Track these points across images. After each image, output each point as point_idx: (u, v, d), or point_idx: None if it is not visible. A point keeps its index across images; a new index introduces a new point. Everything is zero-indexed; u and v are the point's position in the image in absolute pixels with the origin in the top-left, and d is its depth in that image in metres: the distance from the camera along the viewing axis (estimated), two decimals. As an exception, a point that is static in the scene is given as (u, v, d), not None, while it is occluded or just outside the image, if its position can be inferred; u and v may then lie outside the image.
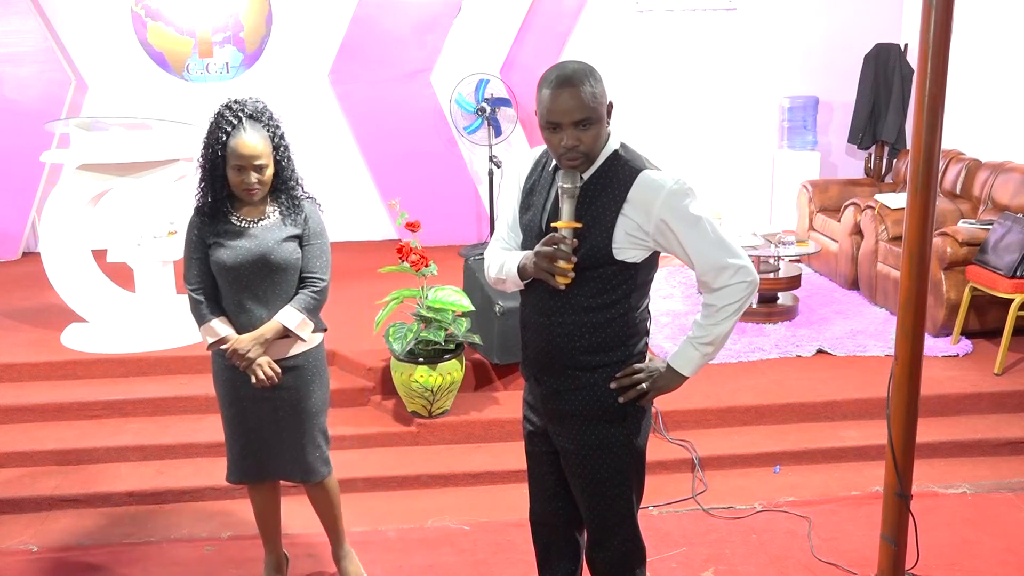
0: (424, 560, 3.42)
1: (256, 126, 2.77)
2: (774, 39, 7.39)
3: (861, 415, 4.39)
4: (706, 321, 2.32)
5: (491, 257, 2.43)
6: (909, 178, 2.33)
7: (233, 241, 2.81)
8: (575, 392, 2.32)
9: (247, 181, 2.76)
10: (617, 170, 2.25)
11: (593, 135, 2.20)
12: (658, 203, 2.20)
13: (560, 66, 2.22)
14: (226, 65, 7.16)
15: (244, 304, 2.86)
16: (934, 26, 2.21)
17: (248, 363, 2.82)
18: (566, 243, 2.18)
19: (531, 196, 2.37)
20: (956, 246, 5.00)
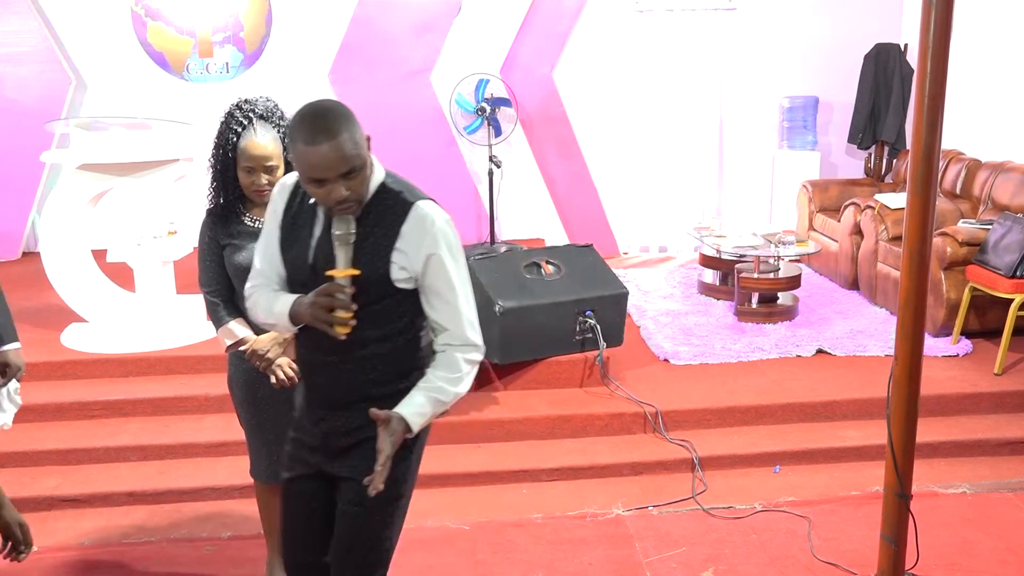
0: (424, 560, 3.41)
1: (266, 126, 2.75)
2: (774, 39, 7.39)
3: (861, 415, 4.39)
4: (441, 372, 2.18)
5: (257, 297, 2.28)
6: (909, 178, 2.33)
7: (248, 243, 2.77)
8: (368, 426, 2.14)
9: (257, 182, 2.74)
10: (388, 203, 2.15)
11: (361, 180, 2.09)
12: (429, 237, 2.11)
13: (311, 116, 2.04)
14: (226, 65, 7.16)
15: None
16: (934, 26, 2.21)
17: (267, 364, 2.78)
18: (344, 292, 2.07)
19: (293, 231, 2.22)
20: (956, 246, 5.00)
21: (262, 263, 2.29)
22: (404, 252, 2.12)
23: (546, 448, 4.22)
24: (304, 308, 2.13)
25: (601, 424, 4.33)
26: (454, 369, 2.18)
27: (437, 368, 2.19)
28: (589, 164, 7.34)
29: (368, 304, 2.13)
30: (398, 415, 2.10)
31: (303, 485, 2.34)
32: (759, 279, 5.57)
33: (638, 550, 3.51)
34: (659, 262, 7.27)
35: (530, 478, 4.05)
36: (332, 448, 2.26)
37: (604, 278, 4.75)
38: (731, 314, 5.64)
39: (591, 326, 4.57)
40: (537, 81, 7.21)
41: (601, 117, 7.34)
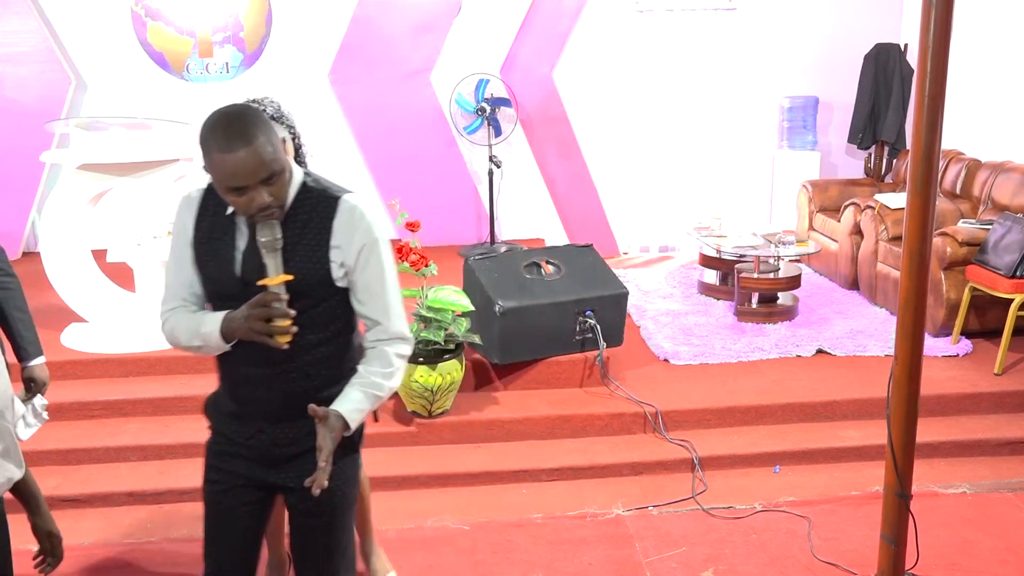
0: (424, 560, 3.41)
1: (277, 127, 2.75)
2: (774, 39, 7.39)
3: (861, 415, 4.39)
4: (375, 368, 2.16)
5: (175, 321, 2.17)
6: (909, 178, 2.33)
7: None
8: (313, 432, 2.08)
9: None
10: (312, 202, 2.11)
11: (281, 185, 2.02)
12: (360, 230, 2.09)
13: (224, 122, 1.96)
14: (226, 65, 7.16)
15: None
16: (934, 26, 2.21)
17: None
18: (280, 300, 2.02)
19: (209, 245, 2.13)
20: (956, 246, 5.00)
21: (174, 285, 2.18)
22: (340, 248, 2.09)
23: (546, 448, 4.22)
24: (239, 322, 2.05)
25: (601, 424, 4.33)
26: (387, 364, 2.16)
27: (370, 364, 2.17)
28: (589, 164, 7.34)
29: (310, 307, 2.09)
30: (335, 412, 2.07)
31: (233, 499, 2.25)
32: (759, 279, 5.57)
33: (638, 550, 3.51)
34: (659, 262, 7.27)
35: (530, 478, 4.05)
36: (273, 457, 2.21)
37: (604, 278, 4.75)
38: (731, 314, 5.64)
39: (591, 326, 4.57)
40: (537, 81, 7.21)
41: (601, 117, 7.34)
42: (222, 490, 2.25)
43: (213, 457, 2.28)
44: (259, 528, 2.32)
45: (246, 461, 2.23)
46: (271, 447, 2.19)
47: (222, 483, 2.25)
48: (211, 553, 2.32)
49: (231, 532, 2.28)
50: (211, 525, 2.30)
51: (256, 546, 2.34)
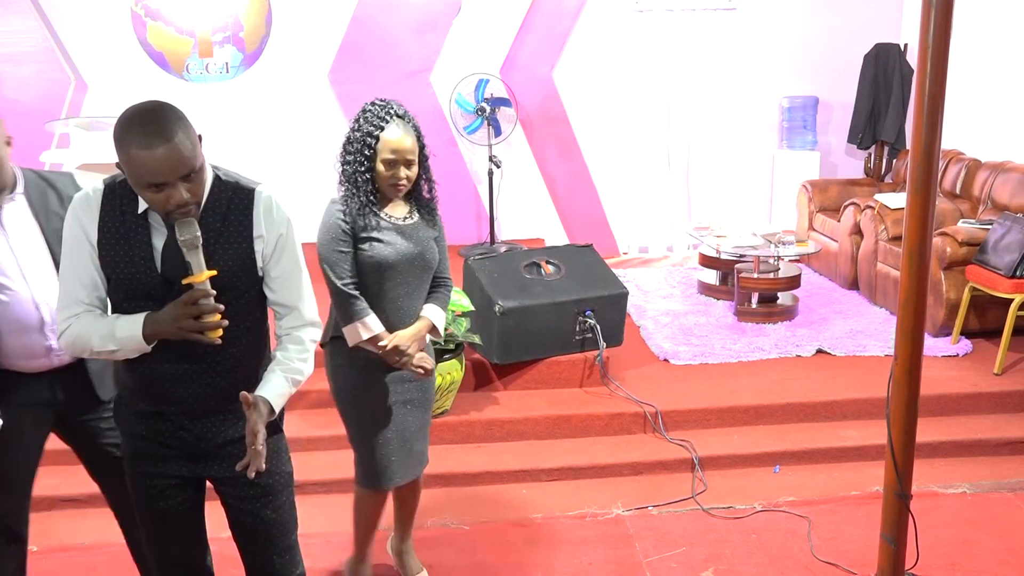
0: (424, 560, 3.41)
1: (405, 125, 2.83)
2: (774, 39, 7.39)
3: (861, 415, 4.40)
4: (291, 354, 2.21)
5: (81, 326, 2.08)
6: (909, 178, 2.33)
7: (391, 237, 2.84)
8: (241, 423, 2.14)
9: (397, 175, 2.81)
10: (228, 195, 2.11)
11: (199, 182, 2.02)
12: (277, 220, 2.14)
13: (142, 118, 1.94)
14: (226, 65, 7.16)
15: (396, 301, 2.88)
16: (934, 26, 2.21)
17: (408, 359, 2.87)
18: (208, 296, 2.01)
19: (120, 246, 2.07)
20: (956, 246, 5.00)
21: (74, 289, 2.09)
22: (261, 238, 2.13)
23: (546, 448, 4.22)
24: (166, 323, 2.02)
25: (601, 424, 4.33)
26: (303, 349, 2.22)
27: (287, 350, 2.21)
28: (589, 164, 7.34)
29: (235, 299, 2.11)
30: (262, 397, 2.11)
31: (169, 500, 2.25)
32: (759, 279, 5.57)
33: (638, 550, 3.51)
34: (659, 262, 7.27)
35: (530, 478, 4.05)
36: (198, 452, 2.21)
37: (604, 278, 4.75)
38: (731, 314, 5.64)
39: (591, 326, 4.57)
40: (537, 81, 7.21)
41: (601, 117, 7.34)
42: (154, 494, 2.25)
43: (136, 463, 2.25)
44: (201, 522, 2.36)
45: (171, 460, 2.23)
46: (195, 442, 2.21)
47: (153, 487, 2.25)
48: (160, 558, 2.33)
49: (175, 533, 2.31)
50: (153, 531, 2.30)
51: (202, 541, 2.39)
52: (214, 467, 2.24)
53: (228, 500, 2.30)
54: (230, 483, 2.25)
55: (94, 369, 2.67)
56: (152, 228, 2.08)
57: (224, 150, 6.42)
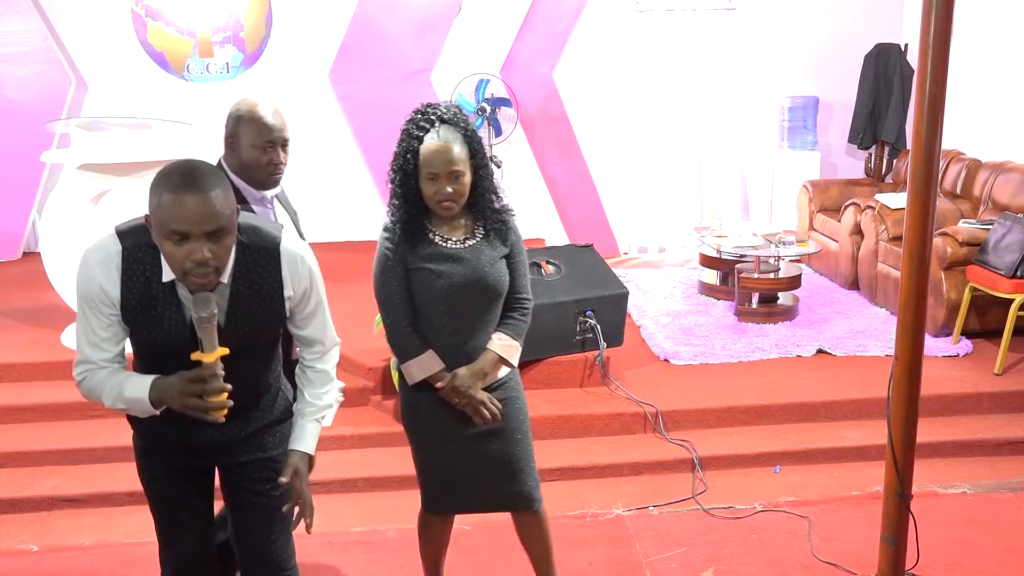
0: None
1: (452, 130, 2.52)
2: (774, 39, 7.39)
3: (861, 415, 4.39)
4: (317, 390, 2.32)
5: (95, 383, 2.11)
6: (909, 178, 2.33)
7: (443, 265, 2.55)
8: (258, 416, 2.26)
9: (441, 191, 2.49)
10: (256, 257, 2.09)
11: (225, 248, 1.96)
12: (303, 274, 2.16)
13: (182, 168, 1.93)
14: (226, 65, 7.16)
15: (457, 334, 2.60)
16: (934, 26, 2.21)
17: (469, 400, 2.60)
18: (216, 376, 1.98)
19: (145, 312, 2.05)
20: (956, 246, 5.00)
21: (93, 342, 2.10)
22: (291, 297, 2.16)
23: (546, 448, 4.22)
24: (171, 396, 2.01)
25: (601, 424, 4.33)
26: (326, 380, 2.33)
27: (312, 385, 2.32)
28: (589, 164, 7.34)
29: (262, 344, 2.18)
30: (299, 453, 2.27)
31: (181, 490, 2.30)
32: (759, 279, 5.57)
33: (638, 550, 3.51)
34: (659, 262, 7.27)
35: (530, 478, 4.05)
36: (217, 443, 2.24)
37: (604, 278, 4.75)
38: (731, 314, 5.64)
39: (591, 326, 4.57)
40: (537, 81, 7.21)
41: (601, 117, 7.34)
42: (168, 487, 2.30)
43: (149, 457, 2.30)
44: (211, 508, 2.39)
45: (185, 452, 2.25)
46: (212, 439, 2.23)
47: (165, 479, 2.29)
48: (173, 546, 2.36)
49: (189, 521, 2.34)
50: (165, 520, 2.34)
51: (211, 526, 2.41)
52: (229, 455, 2.29)
53: (236, 483, 2.33)
54: (242, 467, 2.30)
55: None
56: (180, 299, 2.05)
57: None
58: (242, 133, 2.70)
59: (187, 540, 2.35)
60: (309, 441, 2.30)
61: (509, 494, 2.76)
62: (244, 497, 2.34)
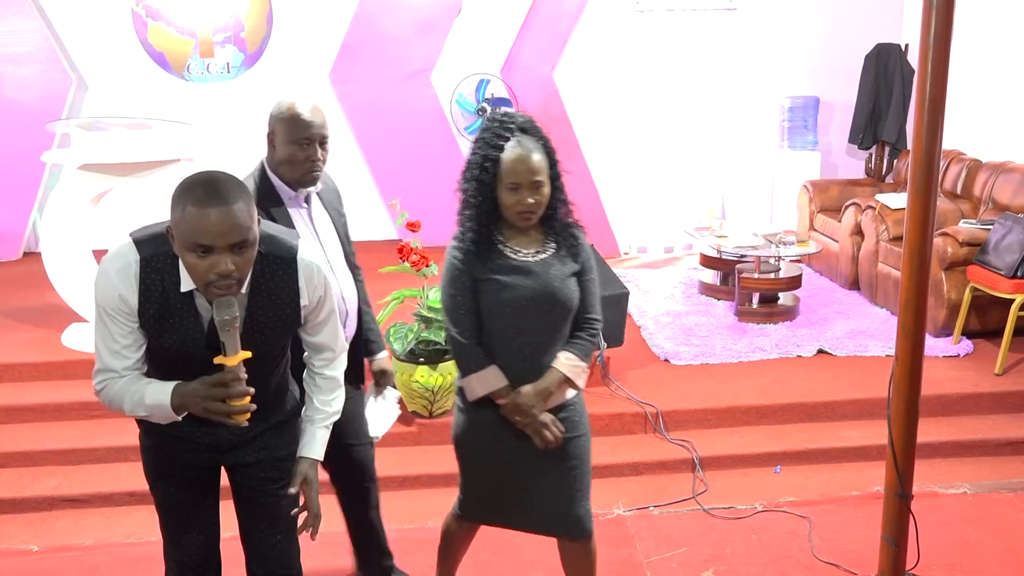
0: (424, 560, 3.41)
1: (531, 140, 2.47)
2: (775, 39, 7.39)
3: (862, 415, 4.39)
4: (326, 397, 2.35)
5: (116, 392, 2.08)
6: (910, 178, 2.33)
7: (512, 278, 2.46)
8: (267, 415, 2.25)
9: (523, 202, 2.42)
10: (273, 268, 2.10)
11: (248, 259, 1.96)
12: (318, 284, 2.18)
13: (205, 180, 1.92)
14: (227, 65, 7.16)
15: (523, 350, 2.50)
16: (935, 26, 2.21)
17: (531, 420, 2.49)
18: (239, 379, 1.99)
19: (163, 321, 2.04)
20: (957, 246, 5.00)
21: (111, 354, 2.07)
22: (307, 305, 2.19)
23: (547, 448, 4.22)
24: (193, 400, 2.02)
25: (602, 424, 4.33)
26: (334, 386, 2.34)
27: (320, 391, 2.34)
28: (590, 164, 7.34)
29: (276, 351, 2.21)
30: (310, 460, 2.31)
31: (189, 491, 2.32)
32: (760, 279, 5.57)
33: (638, 550, 3.51)
34: (660, 262, 7.27)
35: (531, 478, 4.05)
36: (227, 443, 2.25)
37: (604, 278, 4.74)
38: (732, 314, 5.64)
39: (592, 326, 4.57)
40: (538, 81, 7.21)
41: (602, 117, 7.34)
42: (175, 487, 2.31)
43: (156, 456, 2.29)
44: (217, 507, 2.41)
45: (194, 452, 2.26)
46: (223, 440, 2.24)
47: (173, 479, 2.30)
48: (179, 545, 2.37)
49: (195, 521, 2.36)
50: (172, 520, 2.35)
51: (217, 526, 2.43)
52: (237, 455, 2.30)
53: (245, 482, 2.34)
54: (250, 467, 2.31)
55: (354, 359, 2.75)
56: (198, 308, 2.05)
57: (225, 150, 6.43)
58: (280, 130, 2.65)
59: (193, 540, 2.36)
60: (319, 448, 2.33)
61: (560, 518, 2.64)
62: (251, 496, 2.35)
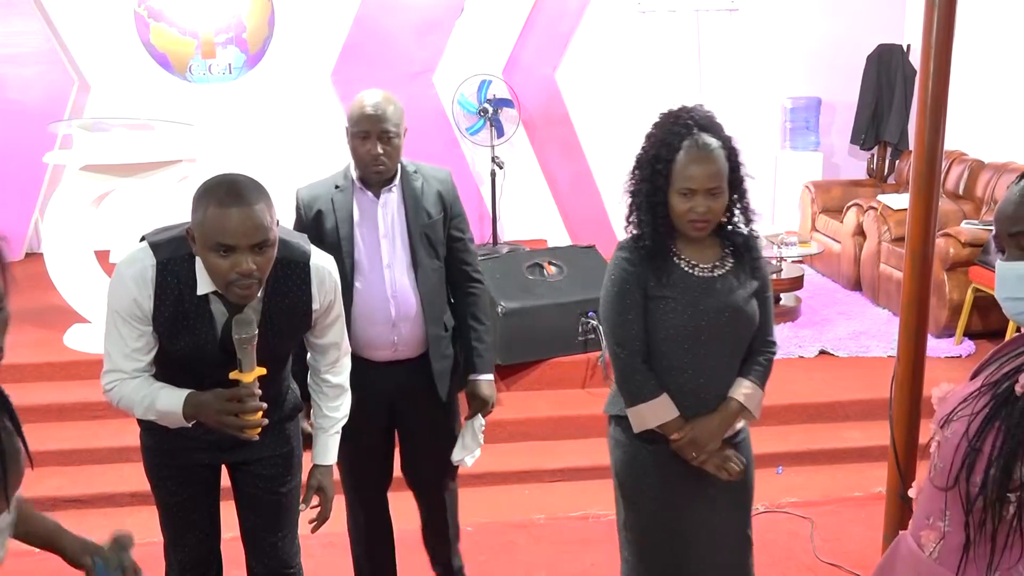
0: (425, 560, 3.41)
1: (711, 139, 2.18)
2: (776, 40, 7.38)
3: (864, 416, 4.39)
4: (334, 403, 2.38)
5: (125, 393, 2.08)
6: (912, 179, 2.33)
7: (690, 295, 2.18)
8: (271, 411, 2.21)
9: (696, 210, 2.14)
10: (287, 271, 2.11)
11: (268, 260, 1.97)
12: (329, 289, 2.21)
13: (227, 182, 1.93)
14: (229, 66, 7.17)
15: (697, 378, 2.22)
16: (937, 27, 2.21)
17: (708, 457, 2.22)
18: (254, 395, 1.98)
19: (177, 325, 2.05)
20: (959, 247, 4.99)
21: (124, 352, 2.07)
22: (318, 309, 2.20)
23: (548, 449, 4.22)
24: (207, 412, 2.02)
25: (603, 425, 4.32)
26: (340, 392, 2.38)
27: (327, 397, 2.37)
28: (592, 165, 7.34)
29: (286, 355, 2.25)
30: (324, 468, 2.38)
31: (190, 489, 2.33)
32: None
33: (640, 551, 3.50)
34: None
35: (533, 479, 4.05)
36: (229, 440, 2.21)
37: (606, 279, 4.75)
38: (733, 315, 5.63)
39: (593, 327, 4.57)
40: (539, 82, 7.21)
41: (604, 118, 7.34)
42: (177, 486, 2.31)
43: (158, 456, 2.30)
44: (218, 506, 2.41)
45: (196, 450, 2.27)
46: (223, 440, 2.22)
47: (174, 478, 2.30)
48: (181, 545, 2.37)
49: (197, 520, 2.37)
50: (173, 520, 2.35)
51: (218, 525, 2.44)
52: (237, 454, 2.31)
53: (246, 481, 2.36)
54: (251, 465, 2.33)
55: (438, 369, 2.75)
56: (213, 312, 2.07)
57: (227, 151, 6.43)
58: (349, 122, 2.63)
59: (194, 539, 2.37)
60: (331, 455, 2.39)
61: (736, 570, 2.42)
62: (253, 495, 2.36)
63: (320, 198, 2.70)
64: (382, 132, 2.56)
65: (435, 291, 2.73)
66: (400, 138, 2.62)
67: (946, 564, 1.48)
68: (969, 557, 1.44)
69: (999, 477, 1.38)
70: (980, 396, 1.46)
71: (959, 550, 1.45)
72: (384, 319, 2.65)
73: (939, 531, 1.50)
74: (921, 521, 1.56)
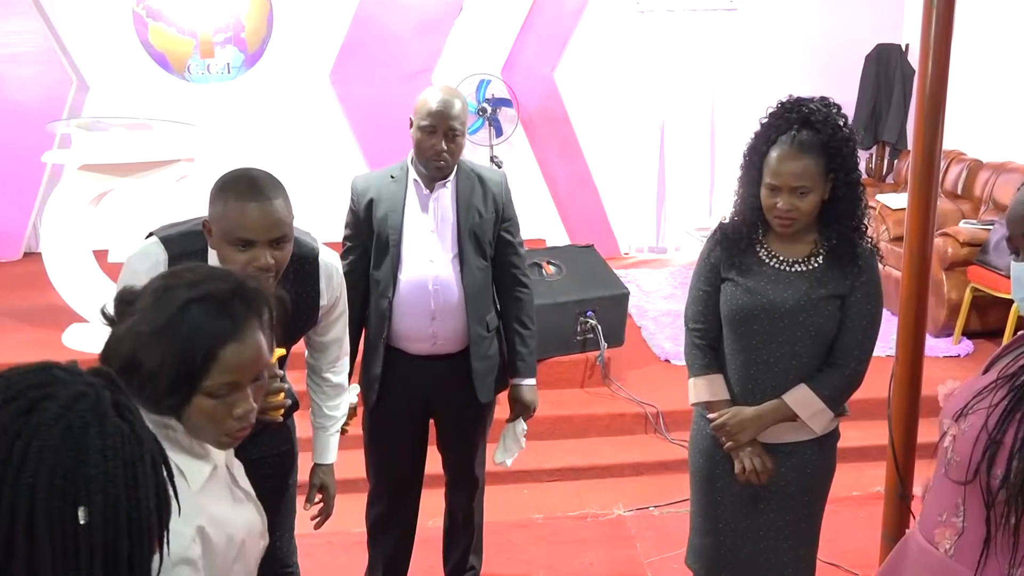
0: (425, 560, 3.41)
1: (813, 136, 2.13)
2: (775, 39, 7.38)
3: (862, 415, 4.34)
4: (334, 403, 2.40)
5: None
6: (910, 178, 2.33)
7: (759, 283, 2.20)
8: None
9: (779, 208, 2.13)
10: (295, 266, 2.11)
11: (286, 254, 1.98)
12: (337, 286, 2.24)
13: (246, 177, 1.96)
14: (227, 65, 7.16)
15: (751, 367, 2.24)
16: (935, 26, 2.21)
17: (735, 445, 2.23)
18: (276, 375, 1.98)
19: None
20: (957, 246, 5.00)
21: None
22: (325, 304, 2.22)
23: (547, 448, 4.22)
24: None
25: (602, 424, 4.33)
26: (339, 391, 2.41)
27: (327, 396, 2.39)
28: (590, 164, 7.34)
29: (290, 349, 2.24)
30: (326, 467, 2.40)
31: None
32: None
33: (639, 550, 3.51)
34: (660, 262, 7.26)
35: (531, 478, 4.05)
36: None
37: (605, 278, 4.75)
38: (732, 314, 5.63)
39: (592, 326, 4.57)
40: (538, 81, 7.21)
41: (602, 117, 7.34)
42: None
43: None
44: None
45: None
46: None
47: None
48: None
49: None
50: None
51: None
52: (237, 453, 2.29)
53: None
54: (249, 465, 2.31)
55: (478, 369, 2.74)
56: None
57: (226, 151, 6.43)
58: (415, 115, 2.60)
59: None
60: (332, 454, 2.41)
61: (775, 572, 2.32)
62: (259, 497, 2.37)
63: (374, 187, 2.71)
64: (448, 128, 2.57)
65: (479, 289, 2.73)
66: (464, 136, 2.64)
67: (964, 561, 1.46)
68: (990, 552, 1.42)
69: (1023, 468, 1.37)
70: (997, 389, 1.45)
71: (979, 545, 1.43)
72: (424, 311, 2.67)
73: (955, 527, 1.48)
74: (933, 519, 1.54)
